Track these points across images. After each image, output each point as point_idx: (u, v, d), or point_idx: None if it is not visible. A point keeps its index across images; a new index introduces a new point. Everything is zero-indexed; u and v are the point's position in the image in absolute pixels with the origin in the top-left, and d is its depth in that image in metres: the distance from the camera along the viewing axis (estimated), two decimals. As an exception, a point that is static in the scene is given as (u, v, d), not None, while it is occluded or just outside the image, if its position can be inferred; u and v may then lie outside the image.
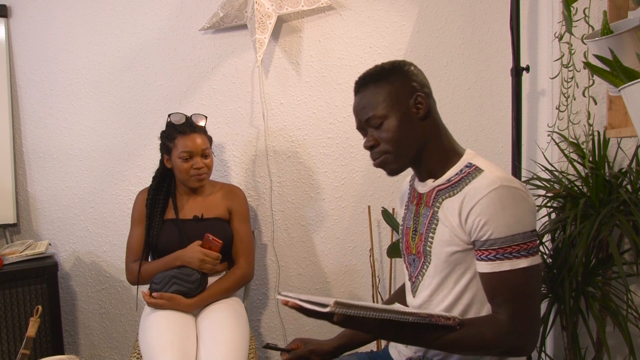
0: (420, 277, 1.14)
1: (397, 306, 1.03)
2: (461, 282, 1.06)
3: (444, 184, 1.10)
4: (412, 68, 1.14)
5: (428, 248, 1.11)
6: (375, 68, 1.14)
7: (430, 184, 1.13)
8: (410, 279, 1.19)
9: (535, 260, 0.99)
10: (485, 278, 1.02)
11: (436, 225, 1.09)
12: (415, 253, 1.15)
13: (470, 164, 1.08)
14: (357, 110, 1.15)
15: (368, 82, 1.12)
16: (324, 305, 0.89)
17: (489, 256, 1.00)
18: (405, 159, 1.12)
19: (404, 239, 1.22)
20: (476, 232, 1.01)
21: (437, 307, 1.10)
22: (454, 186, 1.07)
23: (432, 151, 1.12)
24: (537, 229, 1.61)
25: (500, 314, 1.00)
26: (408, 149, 1.11)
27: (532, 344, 1.00)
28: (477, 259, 1.03)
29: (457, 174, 1.09)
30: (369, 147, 1.13)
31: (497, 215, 0.98)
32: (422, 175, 1.15)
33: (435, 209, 1.10)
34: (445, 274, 1.08)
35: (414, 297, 1.17)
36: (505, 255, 0.98)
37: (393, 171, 1.14)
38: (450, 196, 1.07)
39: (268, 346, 1.27)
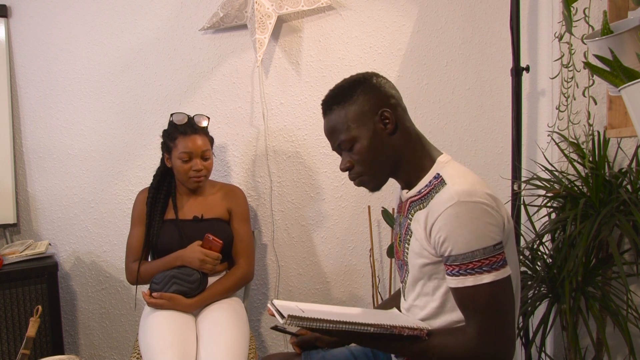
0: (404, 283, 1.16)
1: (362, 315, 1.05)
2: (440, 291, 1.07)
3: (415, 195, 1.10)
4: (374, 81, 1.11)
5: (405, 258, 1.12)
6: (338, 88, 1.13)
7: (405, 194, 1.14)
8: (400, 282, 1.21)
9: (500, 274, 0.97)
10: (453, 292, 1.02)
11: (410, 236, 1.09)
12: (402, 259, 1.16)
13: (438, 174, 1.06)
14: (328, 134, 1.14)
15: (332, 104, 1.12)
16: (282, 317, 0.95)
17: (453, 272, 1.00)
18: (382, 177, 1.13)
19: (394, 243, 1.23)
20: (438, 247, 1.01)
21: (422, 312, 1.11)
22: (423, 198, 1.07)
23: (406, 162, 1.11)
24: (537, 229, 1.62)
25: (469, 327, 1.00)
26: (382, 167, 1.11)
27: (503, 355, 0.99)
28: (446, 273, 1.03)
29: (426, 185, 1.08)
30: (344, 169, 1.13)
31: (454, 232, 0.97)
32: (401, 184, 1.16)
33: (409, 220, 1.10)
34: (422, 284, 1.09)
35: (404, 299, 1.19)
36: (467, 271, 0.97)
37: (374, 189, 1.15)
38: (420, 208, 1.07)
39: (276, 328, 1.27)
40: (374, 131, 1.08)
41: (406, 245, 1.11)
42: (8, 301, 1.81)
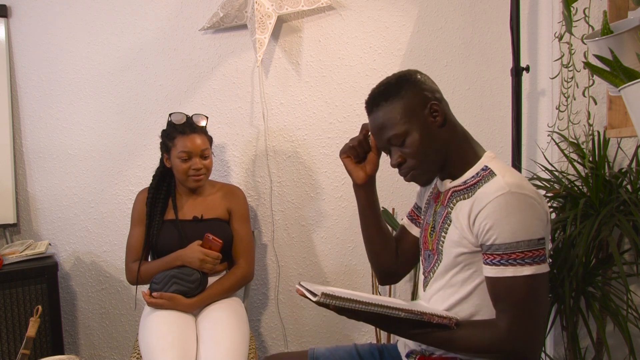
0: (431, 274, 1.16)
1: (389, 300, 1.05)
2: (469, 284, 1.07)
3: (459, 185, 1.11)
4: (419, 77, 1.13)
5: (440, 247, 1.12)
6: (383, 85, 1.14)
7: (448, 184, 1.14)
8: (423, 273, 1.21)
9: (540, 268, 0.98)
10: (489, 282, 1.03)
11: (449, 225, 1.10)
12: (431, 249, 1.16)
13: (486, 167, 1.08)
14: (376, 132, 1.15)
15: (379, 101, 1.12)
16: (316, 295, 0.95)
17: (493, 261, 1.00)
18: (434, 170, 1.14)
19: (422, 234, 1.24)
20: (482, 235, 1.01)
21: (442, 304, 1.11)
22: (469, 189, 1.08)
23: (454, 155, 1.12)
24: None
25: (500, 320, 1.00)
26: (434, 160, 1.12)
27: (531, 353, 0.99)
28: (483, 263, 1.03)
29: (472, 176, 1.09)
30: (396, 164, 1.13)
31: (502, 221, 0.98)
32: (443, 175, 1.16)
33: (449, 209, 1.11)
34: (453, 274, 1.09)
35: (424, 291, 1.19)
36: (509, 261, 0.98)
37: (425, 183, 1.16)
38: (464, 198, 1.08)
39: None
40: (424, 124, 1.09)
41: (442, 234, 1.12)
42: (8, 301, 1.81)
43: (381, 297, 1.12)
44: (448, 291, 1.11)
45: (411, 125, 1.09)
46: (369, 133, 1.23)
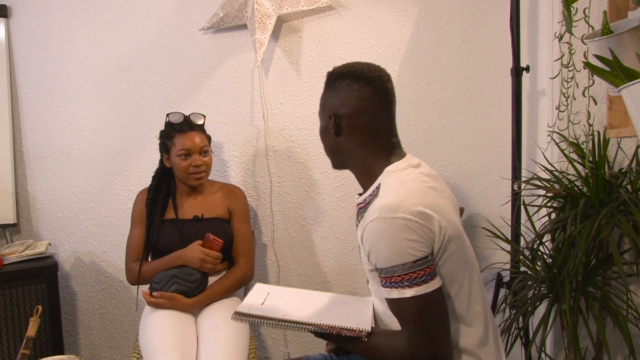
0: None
1: (308, 313, 1.12)
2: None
3: (362, 203, 1.13)
4: (355, 83, 1.10)
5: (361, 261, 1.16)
6: (338, 69, 1.16)
7: (357, 200, 1.17)
8: None
9: (422, 289, 0.97)
10: (386, 302, 1.05)
11: (359, 242, 1.13)
12: None
13: (379, 185, 1.08)
14: None
15: (326, 81, 1.19)
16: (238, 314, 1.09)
17: (382, 282, 1.02)
18: (333, 162, 1.20)
19: None
20: (367, 257, 1.04)
21: (381, 311, 1.14)
22: (366, 207, 1.09)
23: (354, 165, 1.15)
24: (537, 229, 1.61)
25: (402, 334, 1.02)
26: (330, 154, 1.19)
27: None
28: (379, 284, 1.05)
29: (369, 194, 1.10)
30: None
31: (375, 247, 1.00)
32: (360, 184, 1.19)
33: (357, 224, 1.15)
34: (374, 290, 1.13)
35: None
36: (392, 284, 0.99)
37: (332, 166, 1.22)
38: (361, 218, 1.10)
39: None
40: (325, 124, 1.17)
41: (359, 251, 1.15)
42: (8, 301, 1.81)
43: (319, 302, 1.21)
44: (377, 301, 1.14)
45: (320, 117, 1.19)
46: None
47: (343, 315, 1.12)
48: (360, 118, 1.10)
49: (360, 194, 1.16)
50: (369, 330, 1.05)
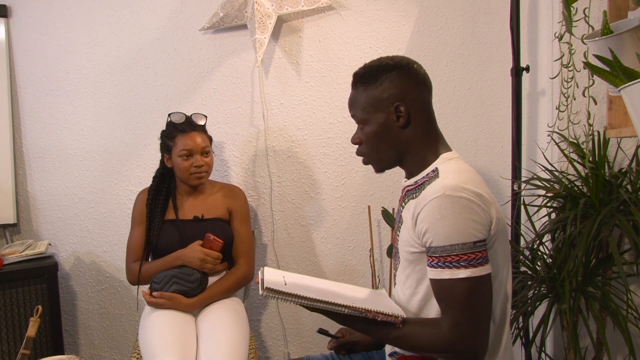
0: (395, 270, 1.19)
1: (341, 292, 1.08)
2: (423, 284, 1.08)
3: (411, 185, 1.12)
4: (404, 71, 1.11)
5: (397, 245, 1.15)
6: (369, 67, 1.14)
7: (404, 183, 1.16)
8: (393, 269, 1.24)
9: (477, 271, 0.97)
10: (432, 283, 1.04)
11: (401, 224, 1.12)
12: (396, 247, 1.18)
13: (436, 168, 1.08)
14: (349, 104, 1.18)
15: (358, 80, 1.14)
16: (262, 288, 1.02)
17: (432, 262, 1.01)
18: (385, 163, 1.15)
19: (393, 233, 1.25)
20: (421, 237, 1.03)
21: (407, 303, 1.12)
22: (418, 188, 1.09)
23: (413, 155, 1.13)
24: (537, 229, 1.62)
25: (443, 320, 1.01)
26: (386, 155, 1.13)
27: (474, 353, 1.00)
28: (427, 264, 1.04)
29: (423, 177, 1.10)
30: (353, 142, 1.17)
31: (436, 224, 0.99)
32: (406, 173, 1.18)
33: (402, 208, 1.13)
34: (409, 272, 1.10)
35: (394, 287, 1.21)
36: (445, 264, 0.99)
37: (378, 170, 1.18)
38: (413, 198, 1.09)
39: (321, 331, 1.29)
40: (385, 120, 1.10)
41: (398, 232, 1.14)
42: (8, 301, 1.81)
43: (338, 289, 1.15)
44: (407, 292, 1.12)
45: (372, 116, 1.10)
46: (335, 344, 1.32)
47: (371, 302, 1.08)
48: (420, 105, 1.12)
49: (407, 179, 1.15)
50: (404, 316, 1.04)
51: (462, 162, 1.11)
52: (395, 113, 1.09)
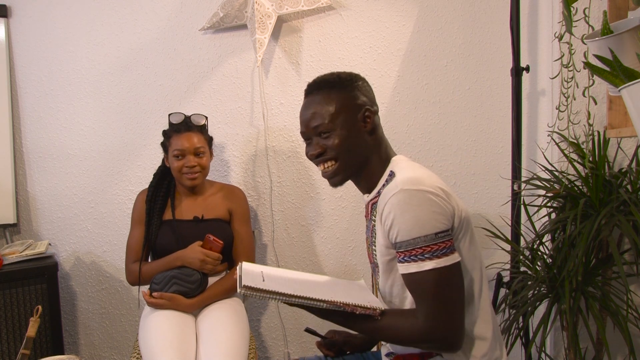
0: (378, 283, 1.19)
1: (319, 288, 1.09)
2: (405, 289, 1.08)
3: (374, 197, 1.14)
4: (364, 84, 1.18)
5: (375, 259, 1.15)
6: (332, 75, 1.18)
7: (366, 198, 1.18)
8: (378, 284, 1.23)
9: (442, 262, 0.99)
10: (403, 278, 1.05)
11: (375, 236, 1.12)
12: (373, 262, 1.19)
13: (392, 172, 1.11)
14: (305, 116, 1.16)
15: (322, 87, 1.15)
16: (240, 285, 1.01)
17: (400, 258, 1.03)
18: (350, 170, 1.15)
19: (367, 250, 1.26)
20: (387, 234, 1.04)
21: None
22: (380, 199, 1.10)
23: (373, 165, 1.15)
24: (537, 229, 1.62)
25: (417, 311, 1.02)
26: (354, 159, 1.14)
27: (450, 341, 1.01)
28: (397, 261, 1.05)
29: (383, 185, 1.12)
30: (315, 154, 1.15)
31: (397, 220, 1.00)
32: (362, 188, 1.19)
33: (372, 221, 1.14)
34: (392, 281, 1.12)
35: (382, 299, 1.21)
36: (411, 257, 1.00)
37: (337, 182, 1.16)
38: (378, 205, 1.10)
39: (308, 330, 1.31)
40: (353, 125, 1.13)
41: (373, 246, 1.15)
42: (8, 301, 1.81)
43: (317, 282, 1.16)
44: (397, 300, 1.13)
45: (341, 121, 1.12)
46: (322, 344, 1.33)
47: (350, 295, 1.09)
48: (377, 114, 1.18)
49: (366, 194, 1.17)
50: (383, 308, 1.05)
51: (413, 162, 1.14)
52: (363, 119, 1.13)
